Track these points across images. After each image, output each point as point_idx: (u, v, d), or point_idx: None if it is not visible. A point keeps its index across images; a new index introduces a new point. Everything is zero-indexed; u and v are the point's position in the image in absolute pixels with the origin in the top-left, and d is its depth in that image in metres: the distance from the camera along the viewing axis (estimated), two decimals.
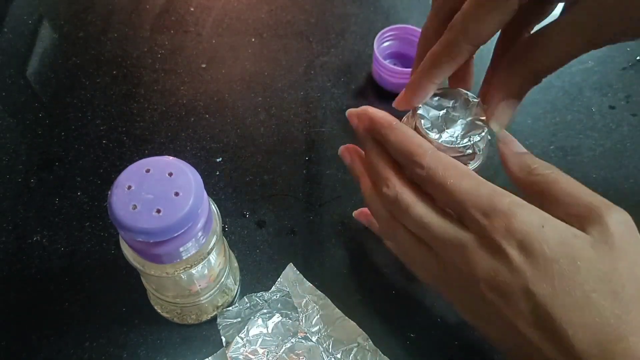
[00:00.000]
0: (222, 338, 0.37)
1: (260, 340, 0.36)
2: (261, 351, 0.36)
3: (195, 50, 0.53)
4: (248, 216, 0.43)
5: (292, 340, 0.37)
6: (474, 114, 0.33)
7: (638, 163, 0.46)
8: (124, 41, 0.54)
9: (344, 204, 0.44)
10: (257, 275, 0.41)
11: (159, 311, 0.38)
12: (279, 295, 0.38)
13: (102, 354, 0.37)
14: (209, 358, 0.37)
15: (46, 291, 0.40)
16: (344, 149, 0.37)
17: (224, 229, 0.42)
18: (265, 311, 0.37)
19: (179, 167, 0.29)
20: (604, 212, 0.28)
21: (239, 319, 0.37)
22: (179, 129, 0.48)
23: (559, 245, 0.27)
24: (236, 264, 0.40)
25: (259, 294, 0.38)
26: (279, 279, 0.40)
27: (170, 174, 0.28)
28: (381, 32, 0.49)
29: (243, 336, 0.36)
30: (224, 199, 0.44)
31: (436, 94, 0.34)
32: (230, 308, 0.38)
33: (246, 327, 0.36)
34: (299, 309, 0.38)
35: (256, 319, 0.37)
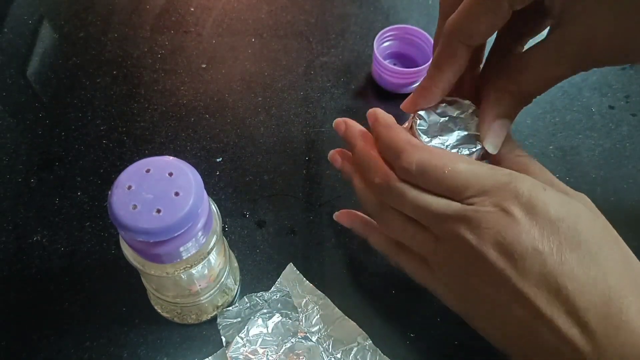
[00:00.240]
0: (222, 338, 0.37)
1: (260, 340, 0.36)
2: (261, 351, 0.36)
3: (195, 50, 0.53)
4: (248, 216, 0.43)
5: (292, 340, 0.37)
6: (474, 129, 0.33)
7: (637, 163, 0.46)
8: (124, 41, 0.54)
9: (344, 204, 0.44)
10: (257, 275, 0.41)
11: (159, 311, 0.39)
12: (279, 295, 0.38)
13: (102, 354, 0.37)
14: (209, 358, 0.37)
15: (46, 291, 0.40)
16: (333, 152, 0.38)
17: (224, 229, 0.42)
18: (265, 311, 0.37)
19: (179, 167, 0.29)
20: (575, 194, 0.30)
21: (239, 319, 0.37)
22: (179, 129, 0.48)
23: (561, 205, 0.28)
24: (236, 264, 0.40)
25: (259, 294, 0.38)
26: (279, 279, 0.40)
27: (171, 174, 0.28)
28: (381, 32, 0.49)
29: (243, 336, 0.36)
30: (224, 199, 0.44)
31: (446, 101, 0.34)
32: (230, 308, 0.38)
33: (246, 327, 0.36)
34: (299, 309, 0.38)
35: (256, 318, 0.37)
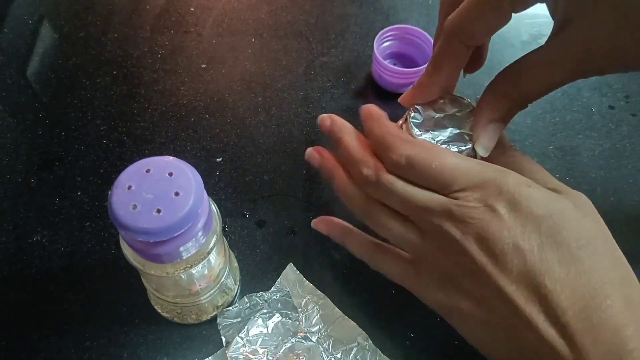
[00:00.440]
0: (222, 338, 0.37)
1: (260, 340, 0.36)
2: (261, 351, 0.36)
3: (195, 50, 0.53)
4: (248, 216, 0.43)
5: (292, 340, 0.37)
6: (467, 129, 0.33)
7: (637, 163, 0.46)
8: (124, 41, 0.54)
9: (344, 204, 0.44)
10: (257, 275, 0.41)
11: (159, 311, 0.39)
12: (279, 295, 0.38)
13: (102, 354, 0.37)
14: (209, 358, 0.37)
15: (46, 291, 0.40)
16: (311, 150, 0.38)
17: (224, 229, 0.42)
18: (265, 311, 0.37)
19: (179, 167, 0.29)
20: (568, 191, 0.30)
21: (239, 319, 0.37)
22: (179, 129, 0.48)
23: (546, 203, 0.28)
24: (236, 264, 0.40)
25: (259, 294, 0.38)
26: (279, 279, 0.40)
27: (170, 174, 0.28)
28: (381, 32, 0.49)
29: (243, 336, 0.36)
30: (224, 199, 0.44)
31: (446, 97, 0.34)
32: (230, 308, 0.38)
33: (246, 327, 0.36)
34: (299, 309, 0.38)
35: (256, 318, 0.37)
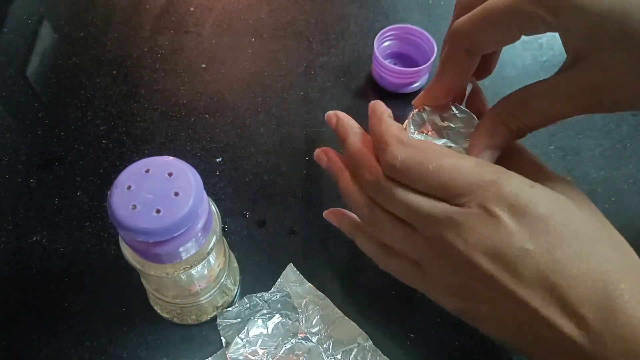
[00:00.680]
0: (222, 338, 0.37)
1: (260, 340, 0.36)
2: (261, 352, 0.36)
3: (195, 50, 0.53)
4: (248, 216, 0.43)
5: (292, 341, 0.37)
6: (462, 145, 0.33)
7: (638, 163, 0.46)
8: (124, 41, 0.54)
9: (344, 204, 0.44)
10: (257, 276, 0.41)
11: (158, 311, 0.38)
12: (279, 296, 0.38)
13: (102, 354, 0.37)
14: (209, 358, 0.37)
15: (46, 291, 0.40)
16: (319, 151, 0.38)
17: (224, 229, 0.42)
18: (265, 311, 0.37)
19: (178, 167, 0.29)
20: (559, 179, 0.30)
21: (239, 320, 0.37)
22: (179, 129, 0.48)
23: (549, 202, 0.28)
24: (236, 264, 0.40)
25: (258, 295, 0.38)
26: (279, 279, 0.40)
27: (170, 174, 0.28)
28: (381, 32, 0.49)
29: (243, 337, 0.36)
30: (224, 199, 0.44)
31: (459, 109, 0.34)
32: (230, 308, 0.38)
33: (246, 328, 0.36)
34: (299, 310, 0.38)
35: (256, 319, 0.37)
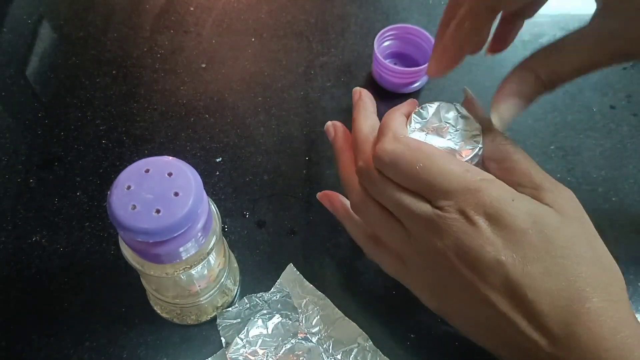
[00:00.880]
0: (222, 339, 0.37)
1: (260, 341, 0.36)
2: (261, 352, 0.36)
3: (195, 50, 0.53)
4: (248, 216, 0.43)
5: (292, 341, 0.37)
6: (458, 146, 0.33)
7: (638, 163, 0.46)
8: (124, 41, 0.54)
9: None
10: (257, 276, 0.41)
11: (158, 312, 0.38)
12: (279, 296, 0.38)
13: (102, 354, 0.37)
14: (209, 358, 0.37)
15: (46, 291, 0.40)
16: (330, 123, 0.38)
17: (224, 229, 0.42)
18: (265, 312, 0.37)
19: (178, 167, 0.29)
20: (551, 187, 0.30)
21: (239, 320, 0.37)
22: (179, 129, 0.48)
23: (528, 216, 0.28)
24: (236, 265, 0.40)
25: (258, 295, 0.38)
26: (279, 279, 0.40)
27: (170, 174, 0.28)
28: (381, 32, 0.49)
29: (243, 337, 0.36)
30: (224, 199, 0.44)
31: (462, 113, 0.34)
32: (230, 309, 0.38)
33: (246, 328, 0.36)
34: (299, 310, 0.38)
35: (256, 319, 0.37)
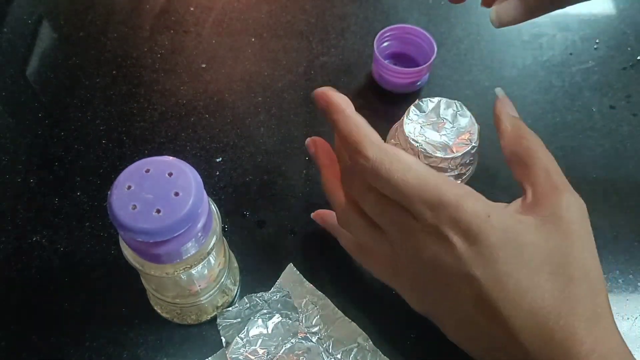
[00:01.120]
0: (222, 338, 0.37)
1: (260, 340, 0.36)
2: (261, 351, 0.36)
3: (195, 50, 0.53)
4: (248, 216, 0.43)
5: (292, 341, 0.37)
6: (456, 145, 0.33)
7: (638, 163, 0.46)
8: (124, 41, 0.54)
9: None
10: (257, 276, 0.41)
11: (158, 311, 0.38)
12: (278, 296, 0.38)
13: (102, 354, 0.37)
14: (209, 358, 0.37)
15: (46, 291, 0.40)
16: (310, 140, 0.37)
17: (224, 229, 0.42)
18: (265, 311, 0.37)
19: (179, 167, 0.29)
20: (562, 195, 0.29)
21: (239, 320, 0.37)
22: (179, 129, 0.48)
23: (504, 232, 0.28)
24: (236, 264, 0.40)
25: (258, 294, 0.38)
26: (279, 279, 0.40)
27: (170, 174, 0.28)
28: (381, 32, 0.49)
29: (243, 336, 0.36)
30: (224, 199, 0.44)
31: (462, 107, 0.34)
32: (230, 308, 0.38)
33: (246, 328, 0.36)
34: (299, 309, 0.38)
35: (256, 319, 0.37)
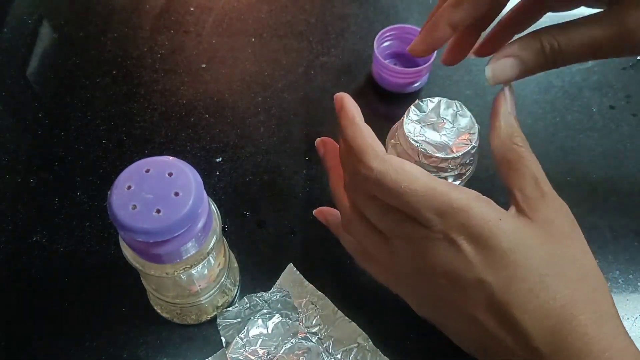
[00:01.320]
0: (222, 338, 0.37)
1: (260, 340, 0.36)
2: (261, 352, 0.36)
3: (195, 50, 0.53)
4: (248, 216, 0.43)
5: (292, 341, 0.37)
6: (455, 145, 0.33)
7: (638, 163, 0.46)
8: (124, 41, 0.54)
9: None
10: (257, 276, 0.41)
11: (158, 312, 0.38)
12: (278, 296, 0.38)
13: (102, 354, 0.37)
14: (209, 358, 0.37)
15: (46, 291, 0.40)
16: (320, 140, 0.37)
17: (224, 229, 0.42)
18: (265, 311, 0.37)
19: (179, 167, 0.29)
20: (550, 201, 0.29)
21: (239, 320, 0.37)
22: (179, 129, 0.48)
23: (514, 235, 0.28)
24: (236, 264, 0.40)
25: (258, 294, 0.38)
26: (279, 279, 0.40)
27: (170, 174, 0.28)
28: (381, 32, 0.49)
29: (243, 336, 0.36)
30: (224, 199, 0.44)
31: (462, 107, 0.34)
32: (230, 308, 0.38)
33: (246, 328, 0.36)
34: (299, 309, 0.38)
35: (256, 319, 0.37)
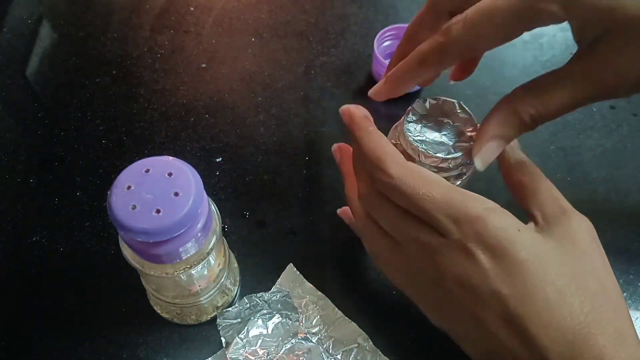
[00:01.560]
0: (222, 339, 0.37)
1: (260, 340, 0.36)
2: (261, 352, 0.36)
3: (195, 50, 0.53)
4: (248, 216, 0.43)
5: (292, 341, 0.37)
6: (456, 142, 0.33)
7: (638, 163, 0.46)
8: (124, 41, 0.54)
9: (344, 204, 0.43)
10: (257, 276, 0.41)
11: (158, 312, 0.38)
12: (278, 296, 0.38)
13: (102, 354, 0.37)
14: (209, 359, 0.37)
15: (46, 291, 0.40)
16: (336, 147, 0.37)
17: (224, 229, 0.42)
18: (265, 312, 0.37)
19: (178, 167, 0.29)
20: (572, 218, 0.29)
21: (239, 320, 0.37)
22: (179, 129, 0.48)
23: (531, 247, 0.28)
24: (236, 265, 0.40)
25: (258, 295, 0.38)
26: (279, 279, 0.40)
27: (170, 174, 0.28)
28: (381, 32, 0.49)
29: (243, 337, 0.36)
30: (224, 199, 0.44)
31: (462, 107, 0.34)
32: (230, 309, 0.38)
33: (246, 328, 0.36)
34: (299, 310, 0.38)
35: (256, 319, 0.37)
